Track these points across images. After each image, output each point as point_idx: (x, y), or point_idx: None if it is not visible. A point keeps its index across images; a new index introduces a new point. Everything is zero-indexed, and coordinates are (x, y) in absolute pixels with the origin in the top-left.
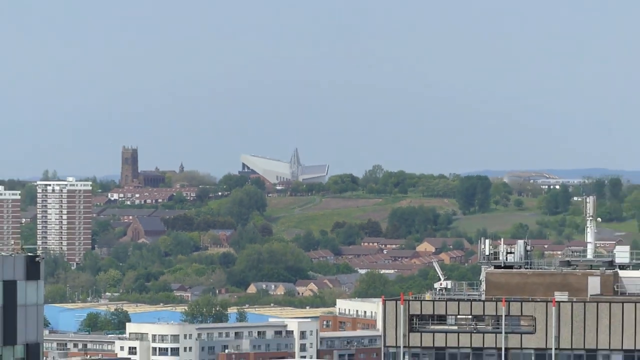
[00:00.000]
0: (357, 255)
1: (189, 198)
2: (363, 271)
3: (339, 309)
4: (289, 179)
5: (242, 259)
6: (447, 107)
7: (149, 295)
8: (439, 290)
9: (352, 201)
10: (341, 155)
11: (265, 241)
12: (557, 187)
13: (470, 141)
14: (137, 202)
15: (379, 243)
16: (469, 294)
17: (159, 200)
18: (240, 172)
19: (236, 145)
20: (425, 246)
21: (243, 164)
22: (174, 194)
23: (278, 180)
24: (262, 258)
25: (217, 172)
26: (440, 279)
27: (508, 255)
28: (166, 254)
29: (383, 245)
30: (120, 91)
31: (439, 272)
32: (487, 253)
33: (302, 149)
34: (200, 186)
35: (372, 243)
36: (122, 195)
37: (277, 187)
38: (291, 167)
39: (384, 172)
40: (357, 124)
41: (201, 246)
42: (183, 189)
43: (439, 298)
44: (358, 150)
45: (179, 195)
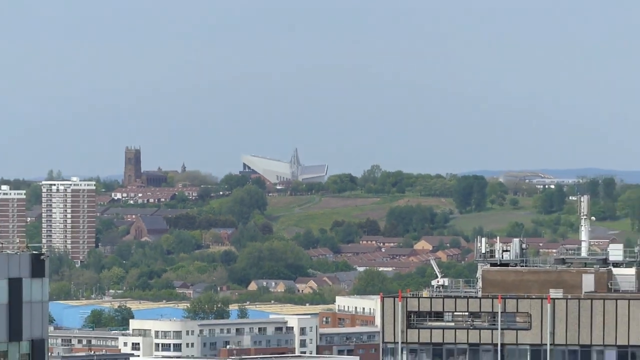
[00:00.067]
0: (355, 253)
1: (190, 197)
2: (362, 269)
3: (338, 305)
4: (289, 178)
5: (243, 257)
6: (445, 109)
7: (151, 293)
8: (436, 287)
9: (351, 200)
10: (340, 156)
11: (265, 239)
12: (552, 186)
13: (467, 142)
14: (140, 201)
15: (377, 241)
16: (465, 291)
17: (162, 200)
18: (241, 172)
19: (237, 146)
20: (423, 244)
21: (244, 164)
22: (176, 194)
23: (278, 180)
24: (263, 256)
25: (218, 172)
26: (437, 277)
27: (504, 253)
28: (169, 252)
29: (381, 244)
30: (123, 93)
31: (436, 270)
32: (484, 251)
33: (302, 150)
34: (202, 186)
35: (370, 241)
36: (125, 195)
37: (277, 187)
38: (291, 167)
39: (382, 172)
40: (355, 125)
41: (203, 244)
42: (185, 189)
43: (436, 295)
44: (357, 151)
45: (181, 194)
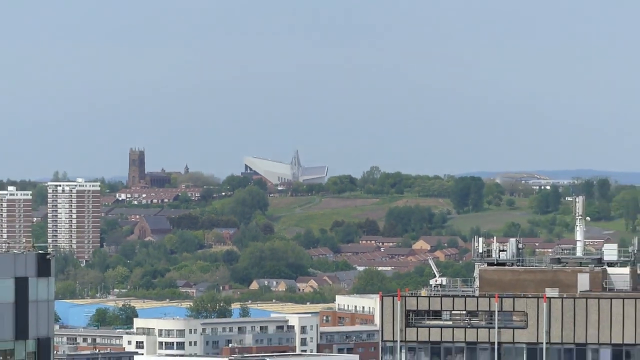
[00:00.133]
0: (355, 253)
1: (193, 198)
2: (361, 268)
3: (338, 304)
4: (290, 179)
5: (245, 257)
6: (443, 111)
7: (155, 292)
8: (434, 286)
9: (351, 201)
10: (340, 157)
11: (267, 239)
12: (548, 187)
13: (464, 144)
14: (144, 201)
15: (376, 241)
16: (463, 290)
17: (165, 200)
18: (243, 173)
19: (239, 148)
20: (421, 244)
21: (246, 166)
22: (180, 194)
23: (279, 181)
24: (264, 255)
25: (220, 173)
26: (435, 276)
27: (501, 252)
28: (172, 251)
29: (380, 244)
30: (127, 95)
31: (434, 269)
32: (481, 251)
33: (303, 151)
34: (204, 187)
35: (369, 241)
36: (129, 196)
37: (279, 188)
38: (292, 169)
39: (381, 173)
40: (355, 127)
41: (205, 244)
42: (188, 190)
43: (435, 294)
44: (356, 152)
45: (184, 195)
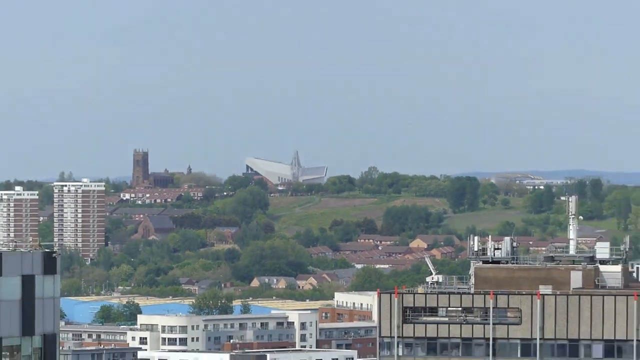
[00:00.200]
0: (353, 251)
1: (196, 198)
2: (359, 266)
3: (337, 301)
4: (290, 179)
5: (246, 255)
6: (439, 113)
7: (158, 289)
8: (430, 284)
9: (349, 200)
10: (339, 158)
11: (267, 238)
12: (542, 187)
13: (460, 145)
14: (148, 201)
15: (374, 240)
16: (459, 288)
17: (168, 200)
18: (244, 174)
19: (240, 149)
20: (418, 243)
21: (247, 166)
22: (182, 194)
23: (280, 181)
24: (265, 254)
25: (222, 173)
26: (432, 274)
27: (495, 251)
28: (175, 250)
29: (378, 242)
30: (131, 97)
31: (431, 267)
32: (476, 249)
33: (302, 152)
34: (206, 187)
35: (368, 240)
36: (133, 195)
37: (279, 188)
38: (292, 169)
39: (379, 173)
40: (354, 129)
41: (207, 243)
42: (191, 189)
43: (431, 291)
44: (355, 153)
45: (187, 195)
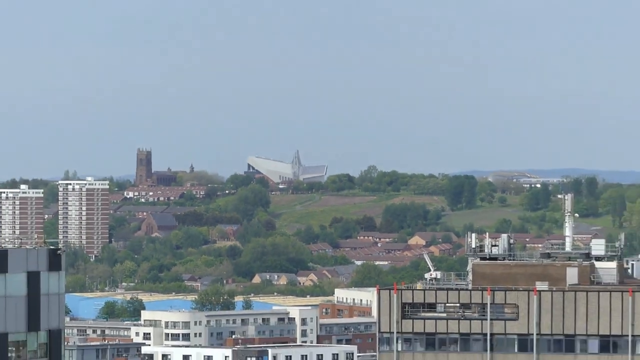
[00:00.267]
0: (353, 248)
1: (198, 196)
2: (359, 263)
3: (337, 297)
4: (291, 178)
5: (247, 252)
6: (437, 113)
7: (162, 285)
8: (429, 280)
9: (349, 198)
10: (339, 157)
11: (268, 235)
12: (538, 185)
13: (458, 144)
14: (151, 199)
15: (373, 237)
16: (456, 284)
17: (171, 198)
18: (245, 172)
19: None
20: (417, 240)
21: (248, 165)
22: (185, 192)
23: (281, 180)
24: (266, 251)
25: (224, 172)
26: (430, 270)
27: (493, 248)
28: (177, 247)
29: (377, 239)
30: (135, 97)
31: (429, 264)
32: (474, 246)
33: (303, 151)
34: (209, 185)
35: (367, 237)
36: (137, 194)
37: (280, 186)
38: (293, 168)
39: (378, 171)
40: (353, 128)
41: (210, 240)
42: (193, 188)
43: (429, 287)
44: (354, 152)
45: (190, 193)
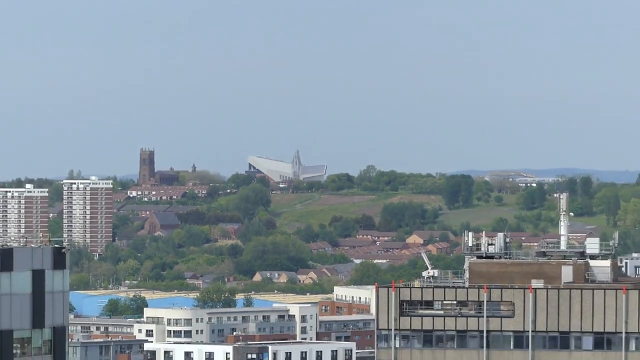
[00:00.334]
0: (352, 246)
1: (200, 195)
2: (358, 261)
3: (336, 295)
4: (291, 177)
5: (248, 250)
6: (434, 113)
7: (164, 283)
8: (426, 278)
9: (348, 198)
10: (338, 157)
11: (269, 234)
12: (534, 185)
13: (455, 144)
14: (154, 198)
15: (372, 235)
16: (453, 282)
17: (174, 197)
18: (247, 172)
19: (243, 148)
20: (414, 238)
21: (249, 164)
22: (187, 192)
23: (281, 179)
24: (267, 249)
25: (226, 171)
26: (428, 268)
27: (489, 246)
28: (180, 245)
29: (376, 238)
30: (138, 98)
31: (427, 262)
32: (470, 244)
33: (303, 151)
34: (210, 184)
35: (366, 235)
36: (140, 193)
37: (280, 185)
38: (293, 167)
39: (376, 171)
40: (352, 128)
41: (211, 238)
42: (195, 187)
43: (427, 285)
44: (353, 152)
45: (192, 192)
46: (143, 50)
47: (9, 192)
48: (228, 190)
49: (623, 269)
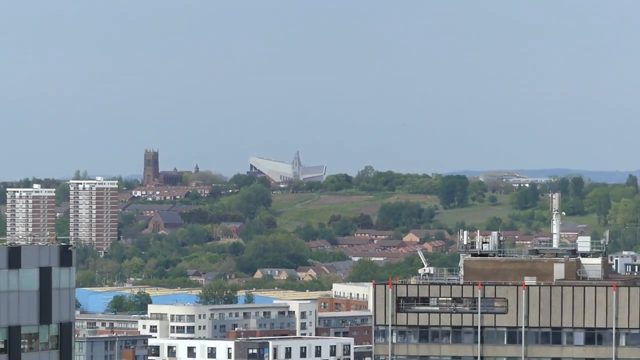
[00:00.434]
0: (350, 244)
1: (203, 195)
2: (356, 259)
3: (335, 292)
4: (291, 178)
5: (249, 248)
6: (431, 115)
7: (168, 280)
8: (422, 275)
9: (347, 197)
10: (337, 157)
11: (270, 232)
12: (527, 185)
13: (451, 145)
14: (158, 198)
15: (370, 234)
16: (449, 279)
17: (177, 197)
18: (248, 172)
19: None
20: (411, 237)
21: (251, 165)
22: (190, 192)
23: (281, 179)
24: (267, 247)
25: (228, 172)
26: (424, 266)
27: (483, 244)
28: (183, 243)
29: (374, 236)
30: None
31: (423, 260)
32: (465, 243)
33: (303, 152)
34: (213, 184)
35: (364, 234)
36: (144, 193)
37: (281, 185)
38: (293, 168)
39: (374, 172)
40: (351, 130)
41: (214, 237)
42: (198, 187)
43: (423, 282)
44: (352, 153)
45: (195, 192)
46: (147, 53)
47: (17, 192)
48: (230, 190)
49: (613, 266)
